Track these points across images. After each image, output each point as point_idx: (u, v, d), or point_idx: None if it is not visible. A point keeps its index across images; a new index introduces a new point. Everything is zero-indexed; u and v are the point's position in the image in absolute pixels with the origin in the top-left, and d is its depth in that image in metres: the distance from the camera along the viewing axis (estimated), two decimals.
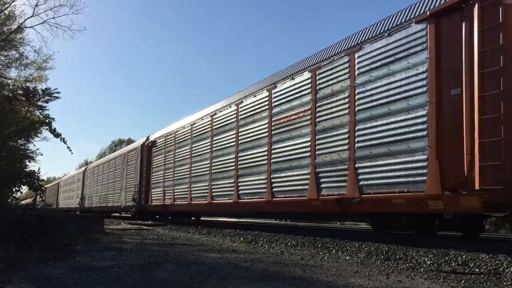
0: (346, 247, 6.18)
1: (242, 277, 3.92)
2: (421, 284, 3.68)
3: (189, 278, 3.83)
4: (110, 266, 4.49)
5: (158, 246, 6.86)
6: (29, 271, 4.15)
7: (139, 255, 5.53)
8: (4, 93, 13.01)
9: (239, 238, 8.32)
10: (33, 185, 8.55)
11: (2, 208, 7.49)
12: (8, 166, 8.60)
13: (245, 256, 5.54)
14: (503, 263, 4.32)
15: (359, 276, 4.08)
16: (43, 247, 5.53)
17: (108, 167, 23.74)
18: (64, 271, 4.15)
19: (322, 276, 4.02)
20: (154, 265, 4.63)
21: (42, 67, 23.26)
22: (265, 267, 4.59)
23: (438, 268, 4.43)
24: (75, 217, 14.59)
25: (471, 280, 3.82)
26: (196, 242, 7.85)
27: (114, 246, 6.74)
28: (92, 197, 26.44)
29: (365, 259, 5.36)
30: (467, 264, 4.45)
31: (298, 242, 7.06)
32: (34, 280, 3.71)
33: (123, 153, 21.79)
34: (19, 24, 21.13)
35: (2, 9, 20.20)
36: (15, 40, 21.72)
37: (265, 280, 3.78)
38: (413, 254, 5.14)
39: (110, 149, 73.07)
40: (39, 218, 7.00)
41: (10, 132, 8.90)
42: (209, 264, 4.75)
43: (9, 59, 22.67)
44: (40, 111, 9.88)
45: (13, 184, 8.66)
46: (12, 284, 3.54)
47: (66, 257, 5.20)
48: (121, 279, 3.76)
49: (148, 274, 4.01)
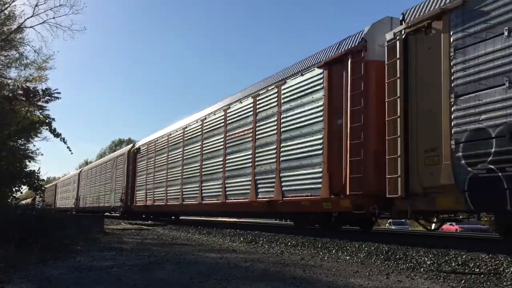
0: (346, 247, 6.18)
1: (242, 277, 3.92)
2: (421, 284, 3.68)
3: (189, 278, 3.83)
4: (110, 266, 4.49)
5: (158, 246, 6.86)
6: (29, 271, 4.15)
7: (139, 255, 5.53)
8: (4, 93, 12.99)
9: (239, 238, 8.32)
10: (33, 185, 8.55)
11: (2, 208, 7.49)
12: (8, 166, 8.60)
13: (245, 256, 5.54)
14: (503, 263, 4.31)
15: (359, 276, 4.07)
16: (43, 247, 5.53)
17: (100, 170, 25.62)
18: (64, 271, 4.15)
19: (322, 276, 4.02)
20: (154, 265, 4.63)
21: (42, 67, 23.22)
22: (265, 267, 4.59)
23: (438, 268, 4.43)
24: (73, 217, 14.75)
25: (471, 280, 3.82)
26: (196, 242, 7.85)
27: (114, 246, 6.74)
28: (86, 197, 28.32)
29: (365, 259, 5.36)
30: (467, 264, 4.45)
31: (298, 242, 7.06)
32: (34, 280, 3.71)
33: (112, 158, 23.85)
34: (19, 24, 21.10)
35: (2, 9, 20.19)
36: (15, 40, 21.69)
37: (265, 280, 3.78)
38: (413, 254, 5.14)
39: (110, 149, 73.06)
40: (39, 218, 7.01)
41: (10, 132, 8.90)
42: (209, 264, 4.75)
43: (9, 59, 22.63)
44: (40, 111, 9.88)
45: (13, 184, 8.66)
46: (12, 284, 3.54)
47: (66, 257, 5.20)
48: (121, 279, 3.76)
49: (148, 274, 4.01)
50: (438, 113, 6.25)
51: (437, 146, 6.25)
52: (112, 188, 22.43)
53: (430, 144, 6.38)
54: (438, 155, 6.21)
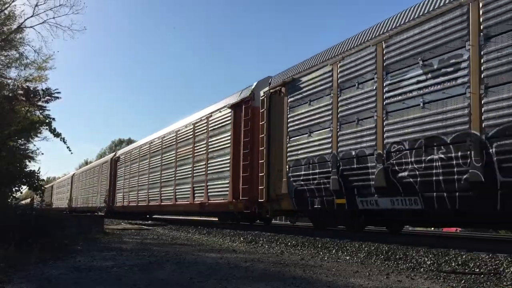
0: (346, 247, 6.18)
1: (242, 277, 3.92)
2: (421, 284, 3.68)
3: (189, 278, 3.83)
4: (110, 266, 4.49)
5: (158, 246, 6.86)
6: (29, 271, 4.14)
7: (139, 255, 5.53)
8: (4, 93, 12.99)
9: (239, 238, 8.32)
10: (33, 185, 8.55)
11: (2, 208, 7.48)
12: (8, 166, 8.59)
13: (245, 256, 5.54)
14: (503, 263, 4.31)
15: (359, 276, 4.07)
16: (43, 247, 5.53)
17: (89, 175, 28.99)
18: (64, 271, 4.15)
19: (322, 276, 4.02)
20: (154, 265, 4.63)
21: (42, 67, 23.22)
22: (265, 267, 4.59)
23: (438, 268, 4.43)
24: (71, 217, 14.89)
25: (471, 280, 3.82)
26: (196, 242, 7.85)
27: (114, 246, 6.74)
28: (78, 198, 31.52)
29: (365, 259, 5.36)
30: (467, 264, 4.45)
31: (298, 242, 7.06)
32: (34, 280, 3.71)
33: (99, 164, 27.55)
34: (19, 24, 21.09)
35: (2, 9, 20.19)
36: (15, 40, 21.69)
37: (265, 280, 3.78)
38: (413, 254, 5.14)
39: (110, 149, 73.01)
40: (39, 218, 7.01)
41: (10, 132, 8.89)
42: (209, 264, 4.75)
43: (9, 59, 22.63)
44: (41, 111, 9.86)
45: (13, 184, 8.66)
46: (12, 284, 3.54)
47: (66, 257, 5.20)
48: (121, 279, 3.76)
49: (148, 274, 4.01)
50: (283, 147, 9.40)
51: (282, 168, 9.38)
52: (98, 190, 25.68)
53: (279, 167, 9.51)
54: (282, 174, 9.30)
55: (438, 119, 6.10)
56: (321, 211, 8.63)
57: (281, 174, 9.36)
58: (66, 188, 36.51)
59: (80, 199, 30.57)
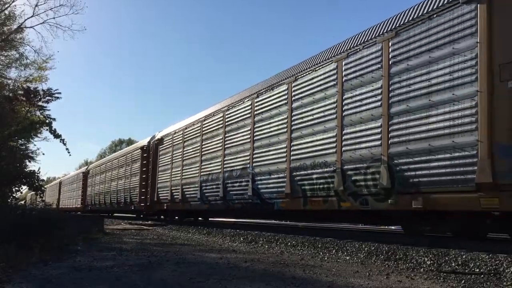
0: (346, 247, 6.17)
1: (242, 277, 3.92)
2: (421, 284, 3.68)
3: (189, 278, 3.83)
4: (110, 266, 4.49)
5: (158, 246, 6.86)
6: (29, 271, 4.15)
7: (139, 255, 5.53)
8: (4, 93, 12.99)
9: (239, 238, 8.32)
10: (33, 185, 8.54)
11: (2, 208, 7.48)
12: (8, 166, 8.59)
13: (245, 256, 5.54)
14: (503, 263, 4.31)
15: (359, 276, 4.07)
16: (43, 247, 5.54)
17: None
18: (64, 271, 4.15)
19: (322, 276, 4.02)
20: (154, 265, 4.63)
21: (42, 67, 23.26)
22: (265, 267, 4.59)
23: (438, 268, 4.43)
24: (75, 216, 15.01)
25: (471, 280, 3.82)
26: (196, 242, 7.85)
27: (114, 246, 6.74)
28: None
29: (365, 259, 5.36)
30: (467, 264, 4.45)
31: (298, 242, 7.06)
32: (34, 280, 3.71)
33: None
34: (19, 24, 21.13)
35: (2, 9, 20.21)
36: (15, 40, 21.72)
37: (265, 280, 3.78)
38: (413, 254, 5.14)
39: (110, 149, 73.06)
40: (39, 218, 7.01)
41: (10, 132, 8.88)
42: (209, 264, 4.75)
43: (9, 59, 22.66)
44: (41, 111, 9.86)
45: (13, 184, 8.66)
46: (12, 284, 3.54)
47: (66, 257, 5.20)
48: (121, 279, 3.76)
49: (148, 274, 4.01)
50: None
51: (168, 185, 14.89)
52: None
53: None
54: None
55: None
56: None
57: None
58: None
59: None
